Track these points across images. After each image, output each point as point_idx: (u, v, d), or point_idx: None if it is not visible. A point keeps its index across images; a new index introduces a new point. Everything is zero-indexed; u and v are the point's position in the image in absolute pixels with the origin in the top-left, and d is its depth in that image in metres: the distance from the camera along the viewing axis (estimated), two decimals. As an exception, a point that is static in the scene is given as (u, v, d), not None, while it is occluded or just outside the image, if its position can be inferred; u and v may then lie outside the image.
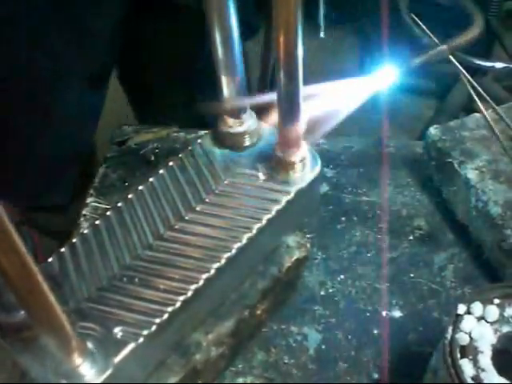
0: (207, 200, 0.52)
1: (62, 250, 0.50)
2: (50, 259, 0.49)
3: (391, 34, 0.60)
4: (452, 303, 0.60)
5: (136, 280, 0.47)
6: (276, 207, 0.52)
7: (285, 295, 0.58)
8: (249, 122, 0.56)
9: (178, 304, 0.46)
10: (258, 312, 0.54)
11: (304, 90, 0.47)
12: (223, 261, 0.48)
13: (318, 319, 0.59)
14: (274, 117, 0.54)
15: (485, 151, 0.64)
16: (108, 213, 0.51)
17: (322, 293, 0.61)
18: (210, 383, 0.53)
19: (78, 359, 0.41)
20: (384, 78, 0.58)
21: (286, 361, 0.56)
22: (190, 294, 0.46)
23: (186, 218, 0.51)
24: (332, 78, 0.54)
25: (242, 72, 0.52)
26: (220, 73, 0.52)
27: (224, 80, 0.53)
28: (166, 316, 0.45)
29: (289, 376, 0.55)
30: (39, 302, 0.36)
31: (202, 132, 0.76)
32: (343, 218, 0.67)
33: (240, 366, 0.56)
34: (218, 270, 0.48)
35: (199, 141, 0.57)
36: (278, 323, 0.58)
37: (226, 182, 0.54)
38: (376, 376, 0.55)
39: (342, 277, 0.62)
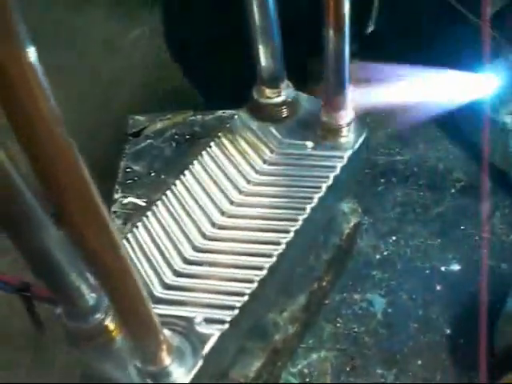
0: (262, 171, 0.51)
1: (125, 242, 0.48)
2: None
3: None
4: (505, 250, 0.59)
5: (209, 260, 0.46)
6: (332, 173, 0.50)
7: (344, 263, 0.57)
8: (287, 91, 0.54)
9: (256, 283, 0.44)
10: (324, 284, 0.53)
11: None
12: (291, 233, 0.47)
13: (378, 284, 0.58)
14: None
15: (516, 95, 0.63)
16: (165, 197, 0.49)
17: (378, 256, 0.60)
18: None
19: (166, 358, 0.39)
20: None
21: (355, 329, 0.55)
22: (265, 271, 0.45)
23: (245, 190, 0.49)
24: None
25: (279, 37, 0.50)
26: (256, 39, 0.50)
27: (261, 46, 0.51)
28: (246, 297, 0.44)
29: (362, 344, 0.54)
30: (128, 289, 0.33)
31: (220, 112, 0.74)
32: (382, 180, 0.66)
33: (310, 341, 0.54)
34: (288, 243, 0.46)
35: (236, 116, 0.55)
36: (340, 293, 0.57)
37: (274, 153, 0.52)
38: (448, 331, 0.54)
39: (393, 238, 0.61)
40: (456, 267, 0.58)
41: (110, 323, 0.41)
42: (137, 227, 0.49)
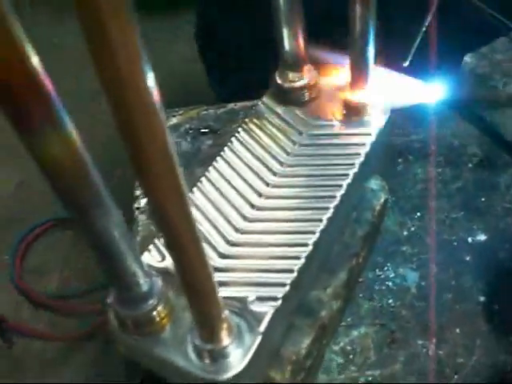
0: (293, 153, 0.52)
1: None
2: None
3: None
4: (527, 217, 0.61)
5: (252, 241, 0.46)
6: (364, 150, 0.51)
7: (375, 240, 0.58)
8: (310, 73, 0.55)
9: (303, 259, 0.45)
10: (360, 260, 0.54)
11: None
12: (331, 210, 0.48)
13: (409, 258, 0.59)
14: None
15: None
16: (200, 184, 0.50)
17: (405, 233, 0.61)
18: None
19: (225, 338, 0.40)
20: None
21: (392, 304, 0.56)
22: (310, 247, 0.46)
23: (280, 172, 0.50)
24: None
25: (303, 19, 0.51)
26: (280, 24, 0.51)
27: (285, 31, 0.52)
28: (295, 273, 0.44)
29: (400, 318, 0.55)
30: (196, 261, 0.34)
31: (231, 105, 0.75)
32: (400, 160, 0.67)
33: (349, 319, 0.55)
34: (328, 219, 0.47)
35: (260, 102, 0.56)
36: (372, 270, 0.58)
37: (304, 135, 0.53)
38: (482, 299, 0.55)
39: (418, 214, 0.62)
40: (482, 237, 0.60)
41: (162, 309, 0.42)
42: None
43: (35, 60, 0.23)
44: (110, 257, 0.36)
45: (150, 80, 0.23)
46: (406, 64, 0.59)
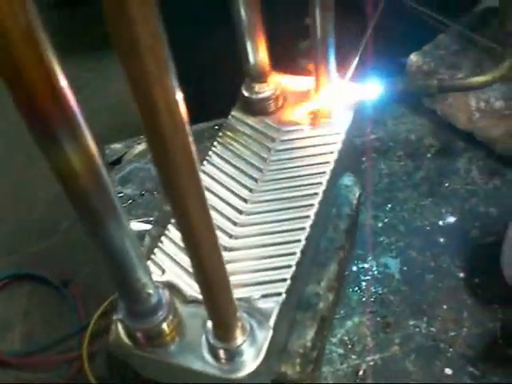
0: (270, 159, 0.54)
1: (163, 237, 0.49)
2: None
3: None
4: (489, 196, 0.65)
5: (252, 244, 0.48)
6: (336, 147, 0.54)
7: (355, 233, 0.61)
8: (275, 84, 0.58)
9: (299, 254, 0.47)
10: (346, 253, 0.56)
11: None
12: (316, 205, 0.50)
13: (388, 247, 0.62)
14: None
15: (466, 60, 0.70)
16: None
17: (380, 224, 0.64)
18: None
19: (239, 337, 0.41)
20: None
21: (380, 292, 0.58)
22: (303, 241, 0.48)
23: (259, 177, 0.52)
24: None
25: (265, 35, 0.54)
26: (243, 38, 0.54)
27: (248, 45, 0.54)
28: (294, 268, 0.46)
29: (389, 303, 0.57)
30: (215, 261, 0.35)
31: (201, 125, 0.76)
32: (364, 158, 0.70)
33: (342, 311, 0.57)
34: (315, 214, 0.50)
35: (230, 116, 0.58)
36: (356, 263, 0.61)
37: (276, 141, 0.55)
38: (462, 275, 0.59)
39: (389, 206, 0.65)
40: (452, 219, 0.63)
41: (172, 319, 0.42)
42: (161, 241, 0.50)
43: (60, 74, 0.25)
44: (122, 268, 0.37)
45: (174, 80, 0.25)
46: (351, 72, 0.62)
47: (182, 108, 0.26)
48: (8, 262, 1.75)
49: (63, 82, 0.25)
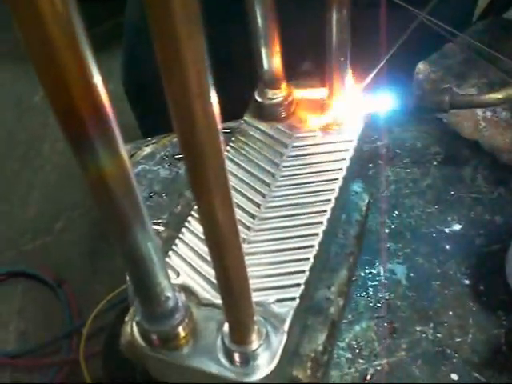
0: (283, 165, 0.55)
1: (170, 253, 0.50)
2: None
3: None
4: (494, 205, 0.66)
5: (260, 249, 0.49)
6: (348, 155, 0.55)
7: (363, 239, 0.62)
8: (288, 89, 0.58)
9: (312, 259, 0.48)
10: (354, 259, 0.57)
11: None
12: (329, 212, 0.51)
13: (395, 253, 0.63)
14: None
15: (473, 70, 0.71)
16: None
17: (387, 231, 0.65)
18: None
19: (255, 341, 0.42)
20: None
21: (386, 297, 0.59)
22: (317, 247, 0.49)
23: (271, 183, 0.53)
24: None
25: (280, 42, 0.55)
26: (258, 44, 0.54)
27: (263, 51, 0.55)
28: (307, 273, 0.47)
29: (397, 308, 0.58)
30: (236, 263, 0.36)
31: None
32: (370, 165, 0.71)
33: (350, 316, 0.58)
34: (328, 220, 0.50)
35: (242, 121, 0.59)
36: (363, 268, 0.61)
37: (289, 147, 0.56)
38: (467, 282, 0.60)
39: (396, 212, 0.66)
40: (457, 227, 0.64)
41: (188, 322, 0.43)
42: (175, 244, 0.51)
43: (99, 83, 0.25)
44: (144, 271, 0.38)
45: (213, 93, 0.25)
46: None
47: (219, 122, 0.27)
48: (2, 259, 1.76)
49: (101, 87, 0.25)
